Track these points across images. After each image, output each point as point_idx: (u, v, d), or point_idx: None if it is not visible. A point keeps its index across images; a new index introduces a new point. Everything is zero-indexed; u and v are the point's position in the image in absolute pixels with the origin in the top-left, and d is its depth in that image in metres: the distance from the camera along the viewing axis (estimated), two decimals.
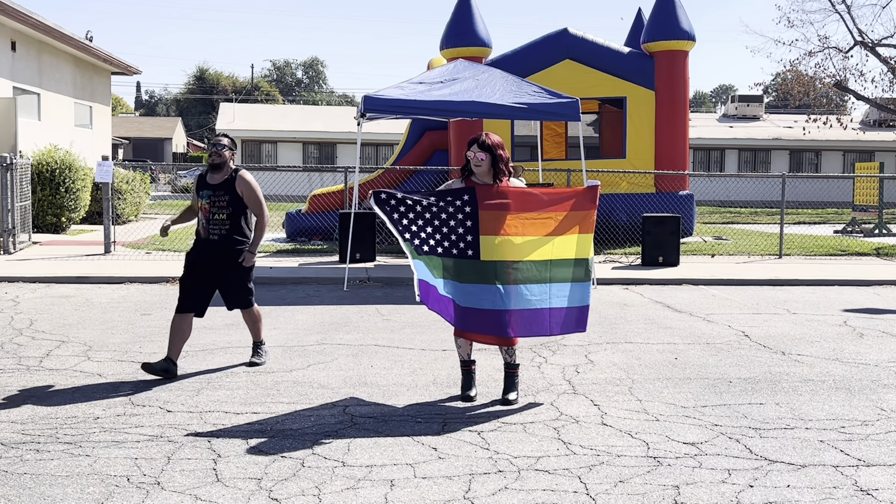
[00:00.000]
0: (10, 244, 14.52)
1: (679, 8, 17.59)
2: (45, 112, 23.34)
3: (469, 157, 5.83)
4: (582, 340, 8.09)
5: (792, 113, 43.13)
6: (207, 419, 5.43)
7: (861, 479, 4.52)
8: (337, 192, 17.59)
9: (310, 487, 4.30)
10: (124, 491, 4.22)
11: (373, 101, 11.65)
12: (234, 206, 6.56)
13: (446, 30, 17.77)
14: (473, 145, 5.83)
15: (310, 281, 12.15)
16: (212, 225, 6.54)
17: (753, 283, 12.65)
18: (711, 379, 6.70)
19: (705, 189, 31.17)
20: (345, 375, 6.65)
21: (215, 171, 6.59)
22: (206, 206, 6.52)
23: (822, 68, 32.39)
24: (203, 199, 6.54)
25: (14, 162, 14.67)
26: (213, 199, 6.52)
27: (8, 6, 19.43)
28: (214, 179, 6.57)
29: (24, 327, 8.45)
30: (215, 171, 6.59)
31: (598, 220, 16.56)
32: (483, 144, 5.79)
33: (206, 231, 6.54)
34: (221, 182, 6.56)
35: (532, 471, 4.57)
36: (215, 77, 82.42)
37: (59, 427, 5.22)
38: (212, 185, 6.55)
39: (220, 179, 6.57)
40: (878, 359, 7.53)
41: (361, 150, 13.44)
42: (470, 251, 5.78)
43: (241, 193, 6.57)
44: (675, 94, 17.61)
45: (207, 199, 6.52)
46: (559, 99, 11.97)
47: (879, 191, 21.95)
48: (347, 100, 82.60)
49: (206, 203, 6.53)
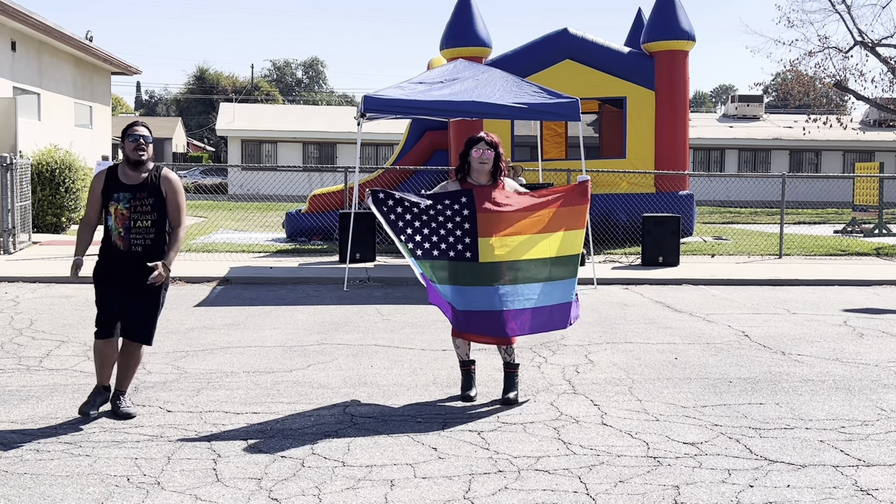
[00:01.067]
0: (10, 244, 14.52)
1: (679, 8, 17.59)
2: (45, 112, 23.34)
3: (476, 156, 5.84)
4: (582, 340, 8.09)
5: (792, 113, 43.13)
6: (207, 419, 5.43)
7: (861, 479, 4.52)
8: (337, 192, 17.59)
9: (310, 487, 4.30)
10: (124, 491, 4.22)
11: (373, 101, 11.65)
12: (159, 211, 5.50)
13: (446, 30, 17.77)
14: (480, 143, 5.85)
15: (310, 281, 12.15)
16: (133, 234, 5.43)
17: (753, 283, 12.65)
18: (711, 379, 6.70)
19: (705, 189, 31.17)
20: (345, 375, 6.65)
21: (133, 169, 5.50)
22: (125, 212, 5.42)
23: (822, 68, 32.41)
24: (119, 202, 5.43)
25: (14, 162, 14.67)
26: (134, 202, 5.43)
27: (8, 6, 19.44)
28: (131, 179, 5.49)
29: (24, 327, 8.45)
30: (133, 169, 5.50)
31: (598, 220, 16.61)
32: (491, 143, 5.86)
33: (126, 241, 5.43)
34: (142, 182, 5.49)
35: (532, 471, 4.57)
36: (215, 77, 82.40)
37: (59, 427, 5.22)
38: (130, 186, 5.46)
39: (140, 178, 5.50)
40: (878, 359, 7.53)
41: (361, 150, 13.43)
42: (468, 253, 5.79)
43: (166, 195, 5.53)
44: (675, 94, 17.61)
45: (126, 203, 5.42)
46: (559, 99, 11.97)
47: (879, 191, 21.94)
48: (347, 100, 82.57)
49: (123, 208, 5.42)
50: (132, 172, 5.50)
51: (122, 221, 5.42)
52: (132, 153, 5.46)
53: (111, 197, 5.45)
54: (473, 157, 5.85)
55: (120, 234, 5.42)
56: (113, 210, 5.43)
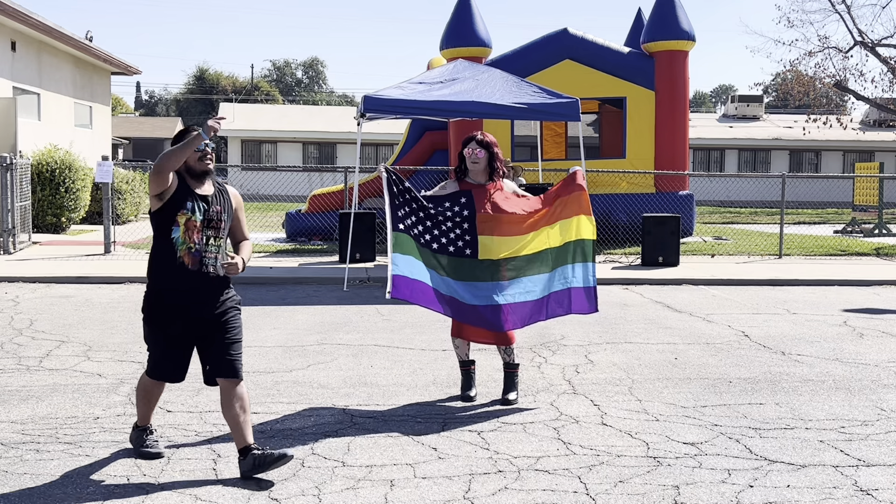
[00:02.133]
0: (10, 244, 14.52)
1: (679, 8, 17.59)
2: (45, 112, 23.34)
3: (467, 155, 5.84)
4: (582, 340, 8.09)
5: (792, 113, 43.14)
6: (207, 419, 5.43)
7: (861, 479, 4.52)
8: (337, 192, 17.59)
9: (310, 487, 4.31)
10: (124, 491, 4.22)
11: (373, 101, 11.65)
12: (227, 228, 4.72)
13: (446, 30, 17.77)
14: (471, 143, 5.85)
15: (310, 281, 12.15)
16: (208, 253, 4.56)
17: (753, 283, 12.65)
18: (711, 379, 6.70)
19: (705, 189, 31.16)
20: (345, 375, 6.65)
21: (199, 179, 4.60)
22: (199, 225, 4.53)
23: (822, 68, 32.40)
24: (194, 213, 4.51)
25: (14, 162, 14.67)
26: (210, 215, 4.57)
27: (8, 6, 19.43)
28: (203, 189, 4.60)
29: (24, 327, 8.45)
30: (199, 179, 4.60)
31: (598, 220, 16.45)
32: (481, 142, 5.85)
33: (198, 261, 4.54)
34: (214, 193, 4.64)
35: (532, 471, 4.57)
36: (215, 77, 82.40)
37: (59, 427, 5.22)
38: (204, 196, 4.57)
39: (210, 189, 4.63)
40: (878, 359, 7.53)
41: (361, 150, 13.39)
42: (468, 250, 5.81)
43: (236, 210, 4.79)
44: (675, 94, 17.61)
45: (202, 215, 4.53)
46: (559, 99, 11.97)
47: (879, 191, 21.95)
48: (347, 100, 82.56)
49: (198, 219, 4.52)
50: (198, 182, 4.59)
51: (196, 235, 4.51)
52: (197, 164, 4.54)
53: (181, 205, 4.49)
54: (465, 156, 5.86)
55: (190, 251, 4.51)
56: (183, 221, 4.49)
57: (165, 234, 4.52)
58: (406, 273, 5.69)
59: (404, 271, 5.69)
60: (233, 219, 4.74)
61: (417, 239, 5.79)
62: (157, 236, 4.60)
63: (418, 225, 5.81)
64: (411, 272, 5.72)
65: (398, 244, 5.73)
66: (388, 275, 5.64)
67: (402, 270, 5.68)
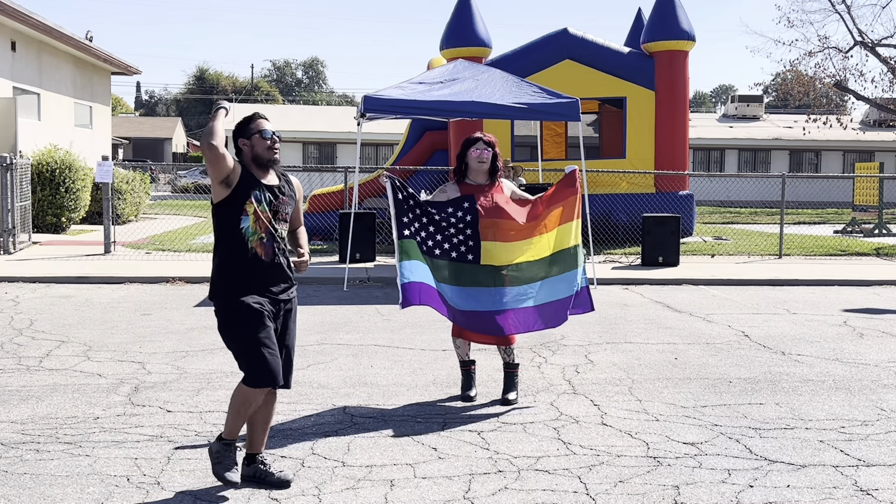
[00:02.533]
0: (10, 244, 14.52)
1: (679, 8, 17.59)
2: (45, 112, 23.33)
3: (475, 156, 5.85)
4: (582, 340, 8.09)
5: (792, 113, 43.13)
6: (207, 419, 5.43)
7: (861, 479, 4.52)
8: (337, 192, 17.59)
9: (310, 487, 4.31)
10: (124, 491, 4.22)
11: (373, 101, 11.64)
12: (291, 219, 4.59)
13: (446, 30, 17.77)
14: (478, 142, 5.87)
15: (310, 281, 12.14)
16: (277, 243, 4.39)
17: (753, 283, 12.65)
18: (711, 379, 6.70)
19: (705, 189, 31.16)
20: (345, 375, 6.65)
21: (264, 169, 4.44)
22: (269, 215, 4.35)
23: (822, 68, 32.39)
24: (261, 202, 4.34)
25: (14, 162, 14.67)
26: (277, 205, 4.40)
27: (8, 6, 19.43)
28: (269, 179, 4.44)
29: (24, 327, 8.45)
30: (264, 169, 4.44)
31: (598, 220, 16.60)
32: (488, 142, 5.90)
33: (271, 252, 4.35)
34: (279, 184, 4.48)
35: (532, 471, 4.57)
36: (215, 77, 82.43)
37: (59, 427, 5.22)
38: (270, 186, 4.41)
39: (276, 179, 4.48)
40: (878, 359, 7.53)
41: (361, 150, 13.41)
42: (470, 255, 5.82)
43: (297, 199, 4.63)
44: (675, 94, 17.61)
45: (269, 205, 4.36)
46: (559, 99, 11.97)
47: (879, 191, 21.94)
48: (347, 100, 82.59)
49: (266, 209, 4.35)
50: (263, 172, 4.41)
51: (264, 226, 4.32)
52: (266, 152, 4.37)
53: (248, 194, 4.31)
54: (472, 157, 5.86)
55: (262, 241, 4.31)
56: (251, 211, 4.30)
57: (234, 225, 4.27)
58: (414, 279, 5.75)
59: (412, 278, 5.74)
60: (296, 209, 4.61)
61: (421, 245, 5.81)
62: (223, 230, 4.33)
63: (422, 231, 5.82)
64: (419, 277, 5.78)
65: (404, 251, 5.77)
66: (398, 285, 5.70)
67: (410, 277, 5.74)
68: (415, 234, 5.82)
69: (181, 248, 15.46)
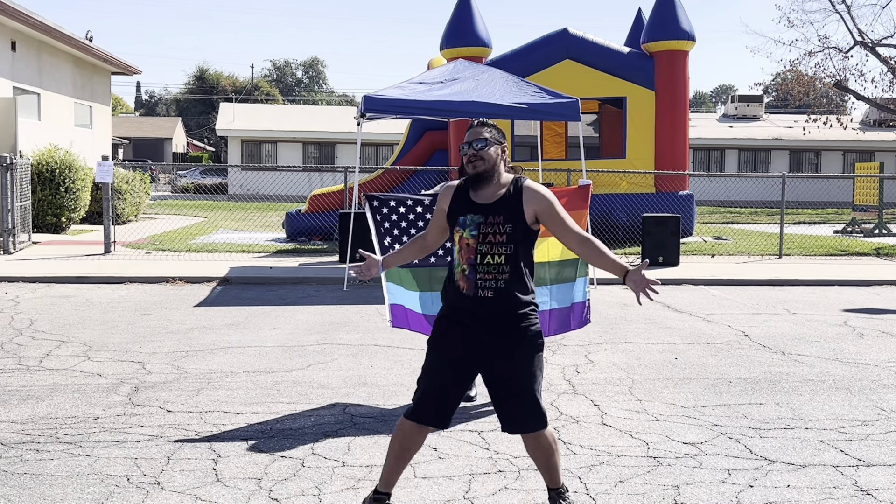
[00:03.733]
0: (10, 244, 14.52)
1: (679, 8, 17.59)
2: (45, 112, 23.34)
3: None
4: (582, 340, 8.09)
5: (792, 113, 43.13)
6: (207, 419, 5.43)
7: (861, 479, 4.52)
8: (337, 192, 17.60)
9: (310, 487, 4.31)
10: (124, 491, 4.22)
11: (373, 101, 11.64)
12: (518, 241, 3.85)
13: (446, 30, 17.77)
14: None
15: (310, 281, 12.15)
16: (481, 273, 3.83)
17: (753, 283, 12.65)
18: (711, 379, 6.70)
19: (705, 189, 31.17)
20: (345, 375, 6.65)
21: (481, 184, 3.90)
22: (472, 242, 3.84)
23: (822, 68, 32.40)
24: (465, 228, 3.87)
25: (14, 162, 14.67)
26: (486, 229, 3.83)
27: (8, 6, 19.43)
28: (483, 196, 3.90)
29: (24, 327, 8.45)
30: (481, 184, 3.90)
31: (598, 220, 16.61)
32: None
33: (472, 284, 3.84)
34: (497, 200, 3.88)
35: (532, 471, 4.57)
36: (215, 77, 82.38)
37: (59, 427, 5.22)
38: (482, 206, 3.87)
39: (494, 196, 3.89)
40: (878, 359, 7.53)
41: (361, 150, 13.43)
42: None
43: (537, 216, 3.89)
44: (675, 94, 17.61)
45: (475, 230, 3.84)
46: (559, 99, 11.97)
47: (879, 191, 21.94)
48: (347, 100, 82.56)
49: (469, 236, 3.85)
50: (478, 188, 3.92)
51: (468, 255, 3.85)
52: (466, 166, 3.93)
53: (457, 221, 3.91)
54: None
55: (463, 273, 3.86)
56: (457, 238, 3.90)
57: (450, 254, 4.00)
58: (400, 302, 5.84)
59: (398, 300, 5.84)
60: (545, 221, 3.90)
61: (409, 264, 5.77)
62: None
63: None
64: (404, 302, 5.85)
65: (389, 274, 5.79)
66: (385, 304, 5.81)
67: (396, 299, 5.84)
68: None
69: (181, 248, 15.46)
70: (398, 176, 17.98)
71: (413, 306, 5.87)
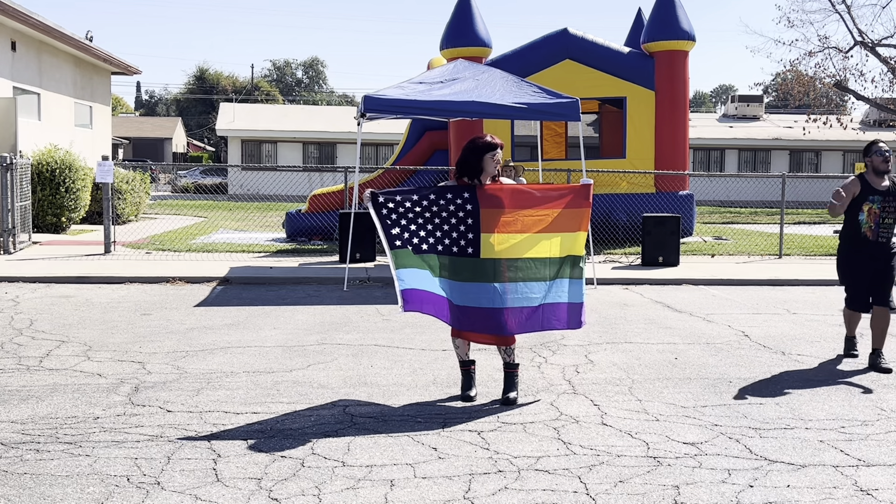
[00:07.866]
0: (10, 244, 14.52)
1: (679, 8, 17.60)
2: (45, 112, 23.34)
3: (496, 162, 5.88)
4: (582, 340, 8.09)
5: (792, 113, 43.14)
6: (207, 419, 5.43)
7: (861, 479, 4.52)
8: (337, 192, 17.60)
9: (310, 487, 4.31)
10: (124, 491, 4.22)
11: (373, 101, 11.64)
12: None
13: (446, 30, 17.77)
14: (498, 149, 5.87)
15: (310, 281, 12.15)
16: (881, 229, 7.28)
17: (753, 283, 12.65)
18: (711, 379, 6.70)
19: (705, 189, 31.17)
20: (345, 375, 6.65)
21: (878, 177, 7.30)
22: (877, 211, 7.25)
23: (822, 68, 32.41)
24: (874, 203, 7.26)
25: (14, 162, 14.67)
26: (885, 204, 7.27)
27: (8, 6, 19.43)
28: (880, 185, 7.27)
29: (24, 327, 8.45)
30: (878, 177, 7.30)
31: (598, 220, 16.61)
32: (502, 146, 5.97)
33: (875, 234, 7.29)
34: (888, 188, 7.29)
35: (532, 471, 4.57)
36: (215, 77, 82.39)
37: (59, 427, 5.22)
38: (879, 191, 7.25)
39: (884, 186, 7.29)
40: None
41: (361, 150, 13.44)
42: (470, 249, 5.81)
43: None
44: (675, 94, 17.61)
45: (878, 205, 7.26)
46: (559, 99, 11.97)
47: None
48: (347, 100, 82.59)
49: (877, 208, 7.26)
50: (877, 179, 7.26)
51: (874, 218, 7.24)
52: (881, 165, 7.24)
53: (865, 198, 7.26)
54: (492, 163, 5.86)
55: (871, 228, 7.26)
56: (866, 209, 7.26)
57: (854, 216, 7.30)
58: (412, 285, 5.77)
59: (410, 284, 5.77)
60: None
61: (417, 248, 5.80)
62: (847, 218, 7.38)
63: (418, 232, 5.82)
64: (417, 283, 5.79)
65: (398, 260, 5.78)
66: (396, 291, 5.73)
67: (408, 284, 5.76)
68: (407, 242, 5.80)
69: (181, 248, 15.47)
70: (398, 176, 17.98)
71: (432, 289, 5.81)
